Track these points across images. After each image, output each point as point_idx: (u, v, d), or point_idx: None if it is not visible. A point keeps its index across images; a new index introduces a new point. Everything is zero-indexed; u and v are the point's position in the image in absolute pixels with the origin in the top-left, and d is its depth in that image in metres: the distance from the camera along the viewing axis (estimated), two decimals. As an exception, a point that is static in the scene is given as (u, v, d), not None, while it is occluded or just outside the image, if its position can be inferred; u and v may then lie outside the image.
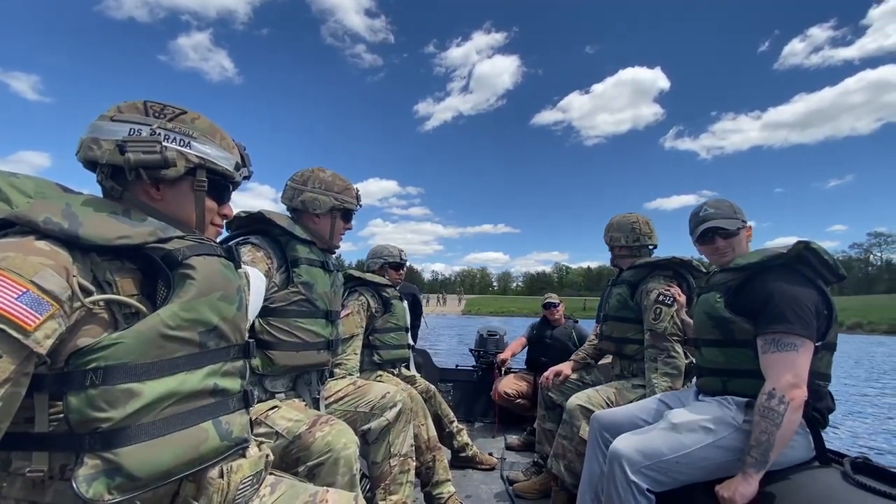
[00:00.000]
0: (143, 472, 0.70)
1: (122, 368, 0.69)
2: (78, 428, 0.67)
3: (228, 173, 0.97)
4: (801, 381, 1.27)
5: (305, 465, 1.29)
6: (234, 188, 1.04)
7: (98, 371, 0.67)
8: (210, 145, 0.93)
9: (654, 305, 2.01)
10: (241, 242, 1.48)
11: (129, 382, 0.70)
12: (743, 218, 1.60)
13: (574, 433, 1.96)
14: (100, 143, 0.83)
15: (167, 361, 0.75)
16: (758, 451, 1.25)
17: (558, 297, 3.73)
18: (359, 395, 1.77)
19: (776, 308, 1.34)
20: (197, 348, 0.80)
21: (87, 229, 0.71)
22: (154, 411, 0.73)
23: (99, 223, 0.74)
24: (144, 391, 0.71)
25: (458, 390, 3.87)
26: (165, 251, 0.79)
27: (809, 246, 1.38)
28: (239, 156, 1.01)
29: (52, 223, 0.69)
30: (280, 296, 1.48)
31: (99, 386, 0.67)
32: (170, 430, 0.74)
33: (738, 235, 1.58)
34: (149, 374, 0.72)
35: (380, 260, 2.83)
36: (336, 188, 1.72)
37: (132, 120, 0.86)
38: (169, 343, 0.75)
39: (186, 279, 0.79)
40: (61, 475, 0.68)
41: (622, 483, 1.39)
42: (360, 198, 1.83)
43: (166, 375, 0.75)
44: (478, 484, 2.52)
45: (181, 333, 0.77)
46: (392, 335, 2.54)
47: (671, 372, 1.91)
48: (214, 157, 0.93)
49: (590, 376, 2.36)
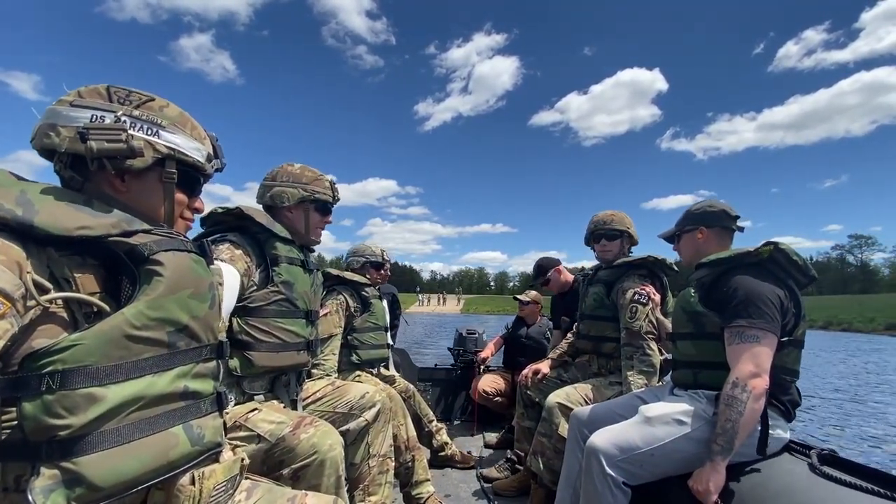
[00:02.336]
0: (106, 482, 0.65)
1: (83, 371, 0.64)
2: (33, 436, 0.62)
3: (199, 165, 0.92)
4: (762, 371, 1.32)
5: (290, 468, 1.26)
6: (206, 181, 0.99)
7: (55, 374, 0.63)
8: (180, 135, 0.88)
9: (630, 304, 2.06)
10: (218, 240, 1.43)
11: (91, 387, 0.65)
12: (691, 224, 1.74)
13: (553, 431, 1.98)
14: (58, 130, 0.76)
15: (132, 364, 0.70)
16: (723, 439, 1.29)
17: (536, 296, 3.72)
18: (337, 396, 1.74)
19: (741, 302, 1.40)
20: (166, 349, 0.76)
21: (44, 217, 0.66)
22: (118, 416, 0.68)
23: (57, 212, 0.68)
24: (108, 395, 0.66)
25: (436, 389, 3.87)
26: (130, 245, 0.74)
27: (779, 247, 1.45)
28: (211, 147, 0.96)
29: (4, 210, 0.63)
30: (259, 295, 1.44)
31: (56, 391, 0.63)
32: (136, 436, 0.70)
33: (679, 241, 1.79)
34: (112, 376, 0.67)
35: (361, 258, 2.80)
36: (304, 179, 1.68)
37: (94, 106, 0.79)
38: (134, 344, 0.71)
39: (153, 276, 0.75)
40: (16, 487, 0.63)
41: (599, 477, 1.42)
42: (335, 189, 1.75)
43: (132, 378, 0.70)
44: (457, 483, 2.53)
45: (148, 333, 0.72)
46: (371, 335, 2.52)
47: (647, 370, 1.96)
48: (185, 148, 0.88)
49: (567, 374, 2.40)
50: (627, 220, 2.31)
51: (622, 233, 2.27)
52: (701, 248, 1.69)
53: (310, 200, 1.66)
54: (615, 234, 2.27)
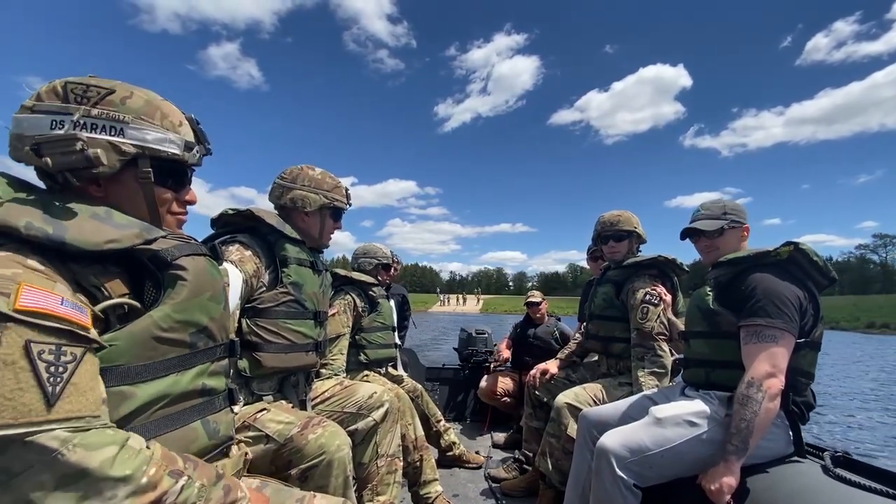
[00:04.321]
0: None
1: (115, 371, 0.69)
2: None
3: (177, 157, 0.85)
4: (778, 372, 1.30)
5: (298, 468, 1.26)
6: (192, 170, 0.93)
7: None
8: (148, 128, 0.81)
9: (641, 305, 2.04)
10: (228, 240, 1.43)
11: (122, 385, 0.70)
12: (735, 218, 1.63)
13: (562, 431, 1.97)
14: (23, 141, 0.73)
15: (159, 363, 0.75)
16: (738, 439, 1.28)
17: (541, 296, 3.73)
18: (346, 396, 1.75)
19: (759, 301, 1.38)
20: (187, 349, 0.80)
21: (74, 234, 0.67)
22: (146, 413, 0.73)
23: (85, 227, 0.70)
24: (137, 393, 0.71)
25: (444, 389, 3.87)
26: (153, 252, 0.77)
27: (799, 247, 1.42)
28: (191, 131, 0.89)
29: (35, 229, 0.64)
30: (268, 296, 1.45)
31: None
32: (161, 431, 0.75)
33: (723, 236, 1.62)
34: (141, 375, 0.72)
35: (374, 260, 2.80)
36: (326, 186, 1.70)
37: (51, 110, 0.74)
38: (161, 345, 0.75)
39: (178, 280, 0.78)
40: None
41: (609, 479, 1.41)
42: (349, 196, 1.80)
43: (159, 377, 0.74)
44: (465, 483, 2.52)
45: (173, 335, 0.76)
46: (379, 334, 2.52)
47: (658, 371, 1.94)
48: (155, 142, 0.81)
49: (576, 374, 2.38)
50: (634, 219, 2.29)
51: (630, 233, 2.25)
52: (737, 247, 1.64)
53: (329, 207, 1.69)
54: (623, 235, 2.25)
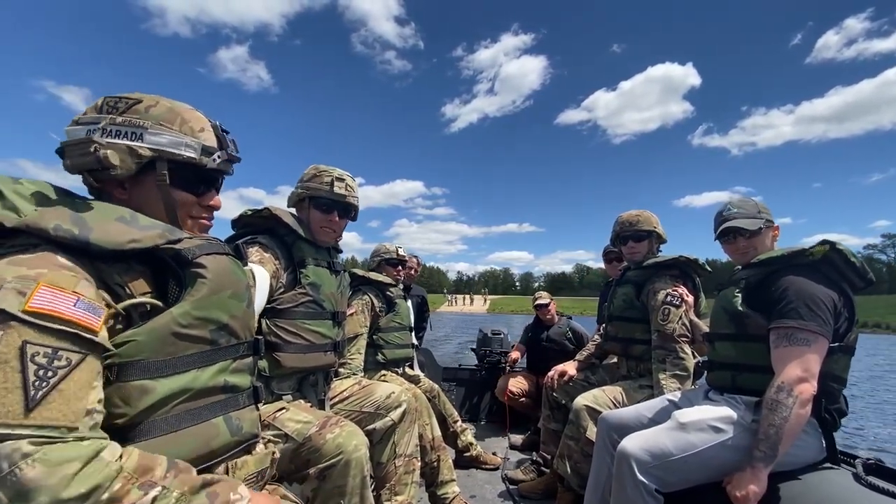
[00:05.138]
0: None
1: (136, 365, 0.71)
2: None
3: (193, 161, 0.87)
4: (810, 377, 1.25)
5: (316, 468, 1.27)
6: (221, 176, 0.95)
7: (113, 367, 0.69)
8: (167, 133, 0.85)
9: (662, 306, 2.00)
10: (249, 242, 1.45)
11: (143, 379, 0.72)
12: (768, 217, 1.59)
13: (580, 434, 1.95)
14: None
15: (179, 359, 0.76)
16: (766, 445, 1.24)
17: (549, 297, 3.66)
18: (364, 396, 1.76)
19: (791, 303, 1.33)
20: (208, 346, 0.81)
21: (98, 234, 0.71)
22: (166, 407, 0.74)
23: (109, 228, 0.73)
24: (157, 388, 0.73)
25: (461, 390, 3.86)
26: (175, 251, 0.79)
27: (836, 247, 1.37)
28: (214, 137, 0.91)
29: (63, 230, 0.68)
30: (287, 297, 1.47)
31: (114, 382, 0.69)
32: (182, 425, 0.76)
33: (760, 235, 1.57)
34: (161, 370, 0.74)
35: (377, 258, 2.82)
36: (306, 177, 1.65)
37: (88, 121, 0.82)
38: (181, 341, 0.76)
39: (198, 278, 0.80)
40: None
41: (630, 483, 1.38)
42: (336, 184, 1.61)
43: (179, 372, 0.76)
44: (482, 484, 2.51)
45: (193, 332, 0.78)
46: (396, 334, 2.54)
47: (680, 373, 1.89)
48: (171, 146, 0.85)
49: (595, 376, 2.35)
50: (654, 218, 2.24)
51: (650, 233, 2.20)
52: (770, 247, 1.59)
53: (309, 199, 1.63)
54: (642, 235, 2.20)
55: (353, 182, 1.68)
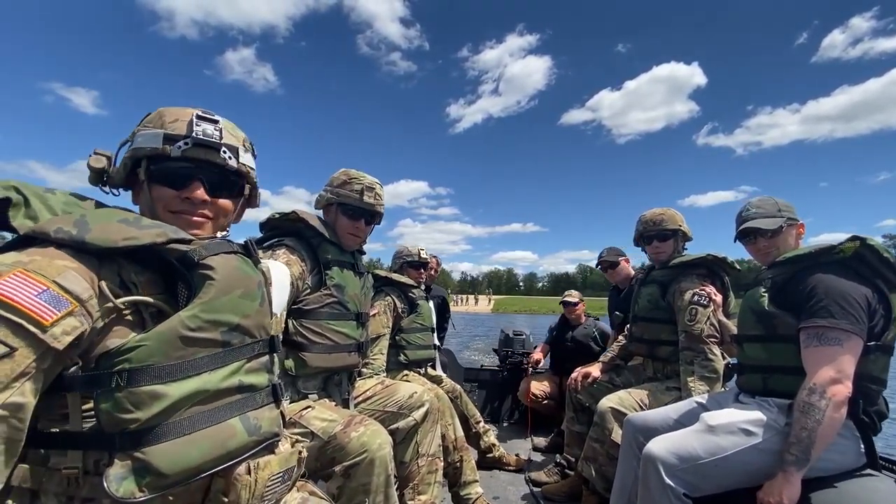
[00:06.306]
0: (172, 470, 0.71)
1: (146, 371, 0.70)
2: (108, 428, 0.69)
3: (157, 152, 0.86)
4: (844, 377, 1.21)
5: (342, 465, 1.30)
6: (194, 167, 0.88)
7: (123, 373, 0.69)
8: (143, 132, 0.87)
9: (689, 306, 1.95)
10: (276, 244, 1.49)
11: (153, 384, 0.70)
12: (791, 215, 1.55)
13: (606, 436, 1.92)
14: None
15: (189, 363, 0.75)
16: (798, 449, 1.20)
17: (579, 296, 3.59)
18: (387, 395, 1.78)
19: (821, 301, 1.28)
20: (220, 347, 0.80)
21: (95, 234, 0.72)
22: (179, 411, 0.73)
23: (108, 228, 0.74)
24: (169, 392, 0.71)
25: (483, 391, 3.85)
26: (181, 252, 0.79)
27: (867, 243, 1.32)
28: (184, 126, 0.87)
29: (63, 232, 0.70)
30: (313, 298, 1.50)
31: (125, 388, 0.68)
32: (196, 427, 0.75)
33: (782, 234, 1.53)
34: (172, 375, 0.72)
35: (399, 260, 2.84)
36: (336, 182, 1.66)
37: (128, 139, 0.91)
38: (191, 344, 0.75)
39: (206, 280, 0.79)
40: (95, 470, 0.70)
41: (657, 487, 1.35)
42: (366, 193, 1.63)
43: (191, 376, 0.75)
44: (505, 485, 2.50)
45: (203, 334, 0.77)
46: (418, 335, 2.55)
47: (709, 375, 1.84)
48: (139, 143, 0.87)
49: (620, 378, 2.31)
50: (679, 216, 2.19)
51: (675, 231, 2.15)
52: (794, 246, 1.55)
53: (338, 204, 1.65)
54: (667, 234, 2.16)
55: (381, 190, 1.70)
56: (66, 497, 0.70)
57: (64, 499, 0.70)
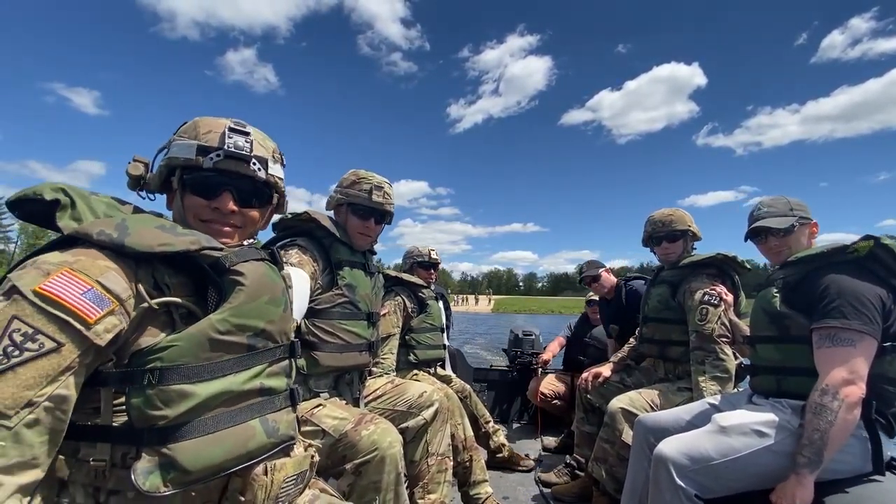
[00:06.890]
0: (195, 467, 0.73)
1: (177, 370, 0.73)
2: (137, 423, 0.72)
3: (192, 163, 0.89)
4: (857, 378, 1.19)
5: (352, 463, 1.31)
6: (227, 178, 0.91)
7: (155, 371, 0.72)
8: (180, 142, 0.90)
9: (700, 306, 1.94)
10: (288, 244, 1.52)
11: (182, 384, 0.74)
12: (804, 214, 1.53)
13: (616, 437, 1.91)
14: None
15: (216, 364, 0.78)
16: (810, 451, 1.19)
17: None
18: (397, 394, 1.79)
19: (833, 302, 1.27)
20: (245, 351, 0.83)
21: (133, 238, 0.75)
22: (205, 410, 0.76)
23: (145, 233, 0.77)
24: (196, 392, 0.75)
25: (492, 390, 3.84)
26: (214, 258, 0.83)
27: (882, 242, 1.30)
28: (217, 137, 0.90)
29: (105, 235, 0.74)
30: (325, 297, 1.52)
31: (156, 386, 0.72)
32: (220, 427, 0.78)
33: (794, 233, 1.52)
34: (199, 375, 0.76)
35: (409, 260, 2.87)
36: (346, 182, 1.69)
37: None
38: (219, 346, 0.78)
39: (236, 285, 0.82)
40: (122, 463, 0.73)
41: (668, 488, 1.35)
42: (375, 192, 1.65)
43: (217, 377, 0.78)
44: (515, 485, 2.50)
45: (231, 338, 0.80)
46: (428, 335, 2.56)
47: (721, 375, 1.83)
48: (174, 153, 0.90)
49: (630, 378, 2.30)
50: (688, 217, 2.18)
51: (684, 232, 2.14)
52: (806, 245, 1.53)
53: (348, 204, 1.67)
54: (676, 235, 2.15)
55: (390, 189, 1.72)
56: (93, 488, 0.73)
57: (91, 489, 0.73)
